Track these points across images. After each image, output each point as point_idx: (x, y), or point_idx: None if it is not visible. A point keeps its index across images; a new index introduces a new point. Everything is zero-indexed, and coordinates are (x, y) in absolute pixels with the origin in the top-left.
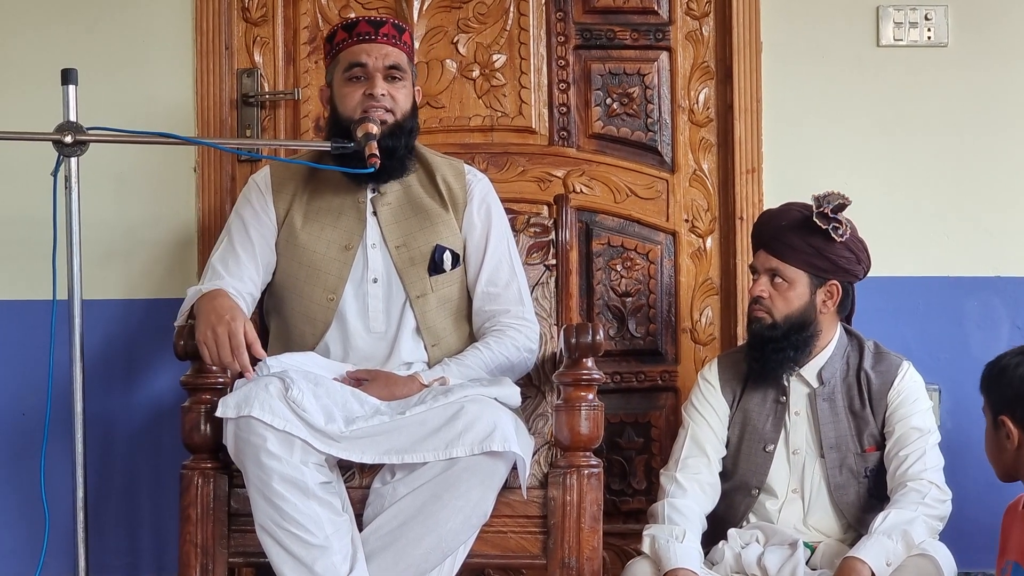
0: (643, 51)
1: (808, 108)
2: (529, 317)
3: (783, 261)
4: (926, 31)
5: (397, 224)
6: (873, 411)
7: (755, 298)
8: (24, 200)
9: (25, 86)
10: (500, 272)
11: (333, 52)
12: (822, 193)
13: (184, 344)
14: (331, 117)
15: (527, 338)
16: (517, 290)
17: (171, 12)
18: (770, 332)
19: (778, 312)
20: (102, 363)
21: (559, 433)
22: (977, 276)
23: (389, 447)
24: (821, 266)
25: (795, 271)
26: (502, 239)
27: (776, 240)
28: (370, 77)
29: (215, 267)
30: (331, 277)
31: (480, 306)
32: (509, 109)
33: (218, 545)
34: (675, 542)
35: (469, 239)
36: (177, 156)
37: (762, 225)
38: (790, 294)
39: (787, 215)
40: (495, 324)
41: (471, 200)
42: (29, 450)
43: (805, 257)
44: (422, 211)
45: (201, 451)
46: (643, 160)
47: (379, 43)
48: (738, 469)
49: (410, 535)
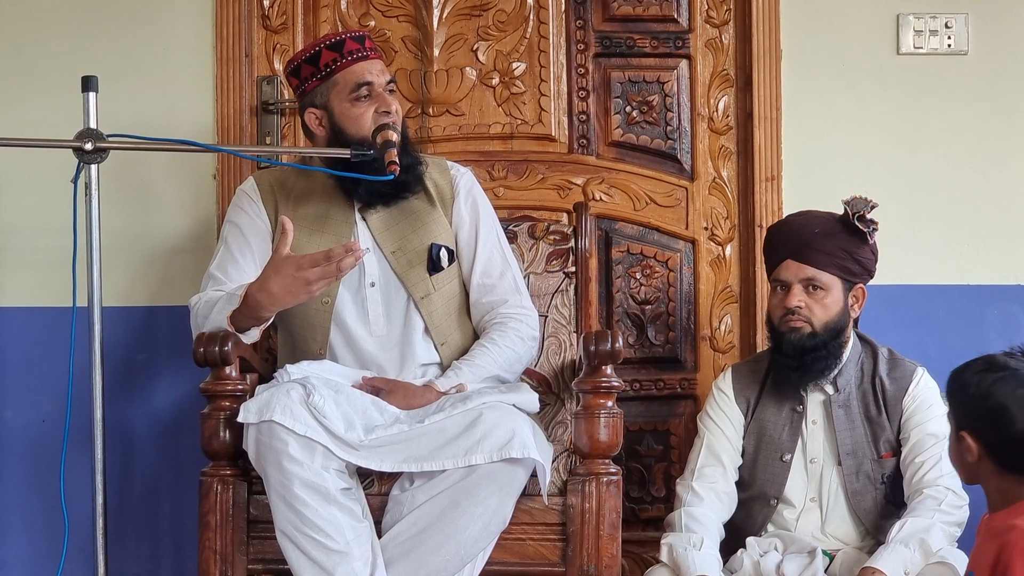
0: (663, 59)
1: (828, 116)
2: (527, 304)
3: (818, 268)
4: (946, 39)
5: (389, 230)
6: (889, 417)
7: (791, 309)
8: (45, 207)
9: (46, 93)
10: (493, 263)
11: (323, 74)
12: (850, 197)
13: (204, 351)
14: (334, 140)
15: (528, 326)
16: (512, 279)
17: (191, 20)
18: (811, 341)
19: (817, 321)
20: (122, 370)
21: (578, 440)
22: (997, 284)
23: (408, 455)
24: (852, 269)
25: (830, 277)
26: (491, 230)
27: (809, 248)
28: (378, 95)
29: (215, 275)
30: None
31: (477, 299)
32: (529, 117)
33: (237, 552)
34: (693, 550)
35: (460, 233)
36: (197, 163)
37: (788, 235)
38: (827, 301)
39: (818, 222)
40: (495, 316)
41: (457, 195)
42: (49, 457)
43: (838, 262)
44: (411, 213)
45: (220, 458)
46: (662, 168)
47: (372, 59)
48: (755, 479)
49: (429, 542)
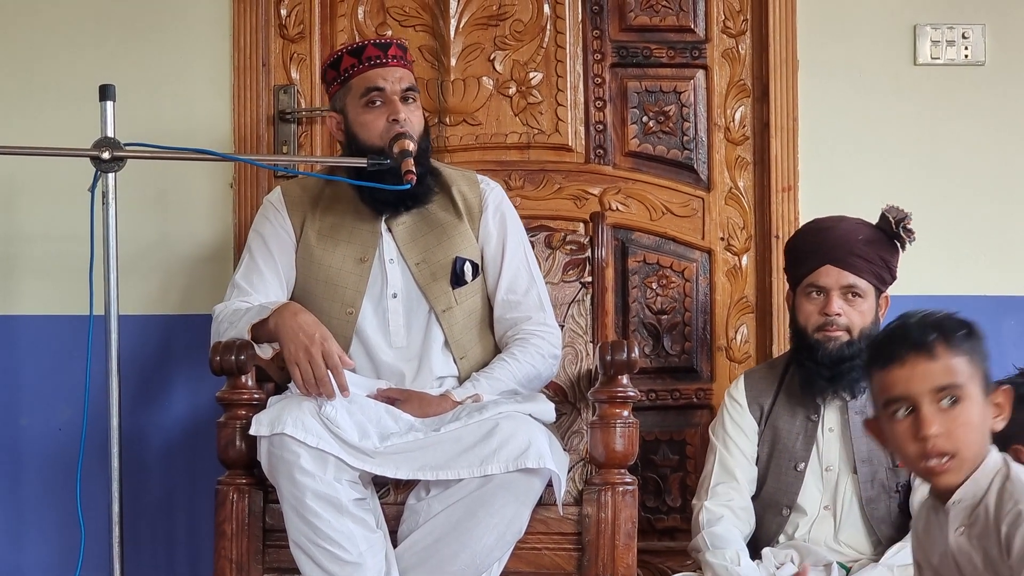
0: (679, 69)
1: (845, 126)
2: (551, 323)
3: (858, 276)
4: (963, 50)
5: (414, 241)
6: None
7: (831, 318)
8: (62, 216)
9: (63, 102)
10: (519, 280)
11: (342, 79)
12: (890, 206)
13: (220, 360)
14: (349, 146)
15: (551, 344)
16: (537, 296)
17: (209, 29)
18: (849, 350)
19: (855, 328)
20: (138, 378)
21: (594, 450)
22: (1015, 295)
23: (424, 463)
24: (884, 278)
25: (867, 285)
26: (519, 246)
27: (852, 254)
28: (389, 101)
29: (240, 284)
30: (348, 291)
31: (501, 314)
32: (545, 126)
33: (253, 560)
34: (735, 567)
35: (486, 248)
36: (214, 172)
37: (828, 240)
38: (864, 307)
39: (860, 228)
40: (518, 332)
41: (486, 209)
42: (65, 465)
43: (876, 270)
44: (437, 225)
45: (236, 467)
46: (679, 178)
47: (391, 66)
48: (768, 488)
49: (445, 551)
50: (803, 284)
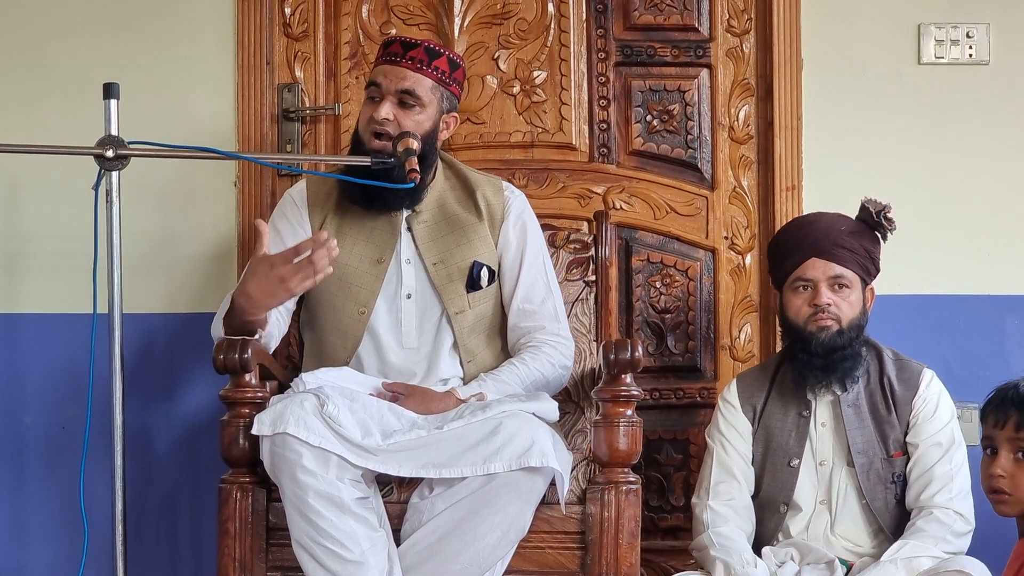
0: (683, 68)
1: (849, 125)
2: (564, 334)
3: (843, 266)
4: (967, 49)
5: (434, 241)
6: (898, 416)
7: (821, 307)
8: (66, 214)
9: (68, 101)
10: (536, 289)
11: (372, 67)
12: (869, 198)
13: (223, 358)
14: (355, 139)
15: (562, 355)
16: (553, 307)
17: (213, 27)
18: (840, 339)
19: (845, 318)
20: (142, 376)
21: (597, 449)
22: (1018, 295)
23: (427, 461)
24: (869, 269)
25: (853, 275)
26: (538, 256)
27: (837, 246)
28: (381, 99)
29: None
30: (363, 291)
31: (515, 322)
32: (549, 125)
33: (256, 559)
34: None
35: (504, 255)
36: (218, 171)
37: (812, 234)
38: (852, 298)
39: (841, 221)
40: (530, 340)
41: (508, 216)
42: (69, 463)
43: (861, 260)
44: (459, 227)
45: (240, 465)
46: (683, 177)
47: (401, 66)
48: (764, 486)
49: (448, 550)
50: (790, 279)
